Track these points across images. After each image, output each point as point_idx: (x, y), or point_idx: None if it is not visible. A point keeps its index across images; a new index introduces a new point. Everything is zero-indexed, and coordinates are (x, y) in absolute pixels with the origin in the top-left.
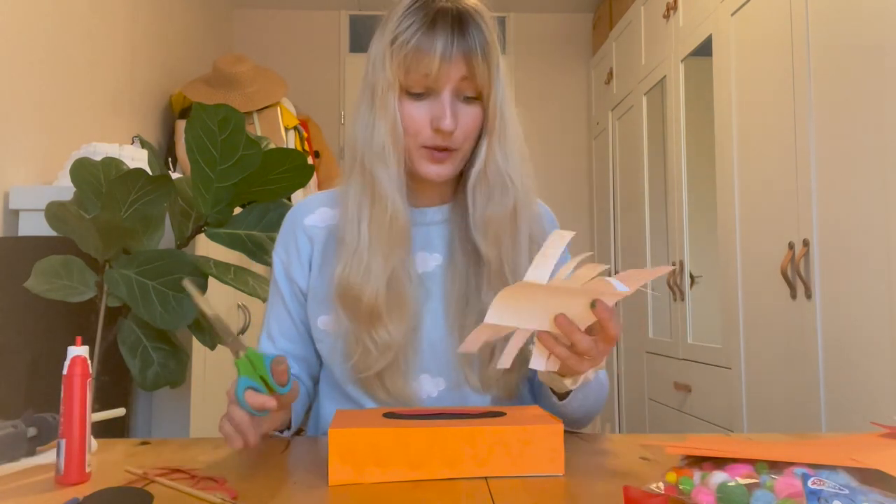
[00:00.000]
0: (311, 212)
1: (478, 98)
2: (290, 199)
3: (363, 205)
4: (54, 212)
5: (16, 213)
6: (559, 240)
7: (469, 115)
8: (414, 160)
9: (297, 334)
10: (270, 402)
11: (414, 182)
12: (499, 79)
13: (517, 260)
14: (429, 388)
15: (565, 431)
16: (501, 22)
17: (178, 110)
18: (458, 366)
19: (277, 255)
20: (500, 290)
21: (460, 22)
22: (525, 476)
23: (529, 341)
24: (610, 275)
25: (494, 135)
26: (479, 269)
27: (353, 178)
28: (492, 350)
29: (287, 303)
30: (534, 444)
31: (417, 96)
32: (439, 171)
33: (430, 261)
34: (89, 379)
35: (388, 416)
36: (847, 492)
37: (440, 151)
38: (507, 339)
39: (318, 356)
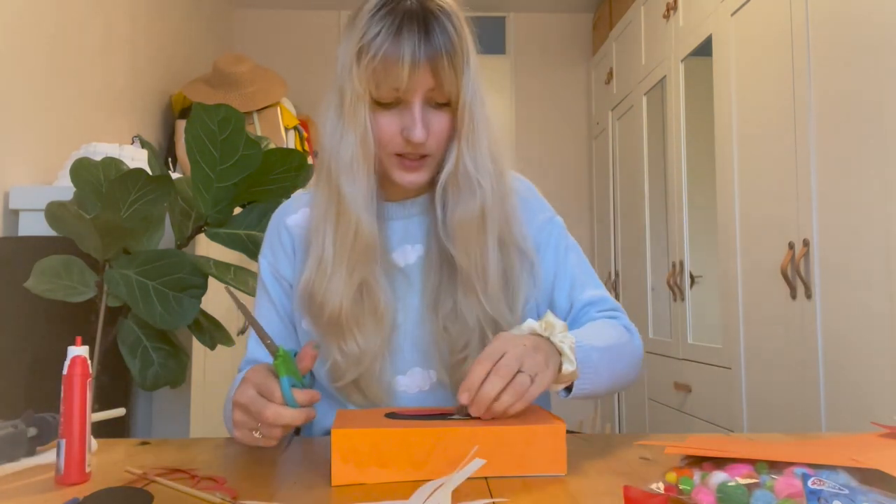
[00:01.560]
0: (293, 212)
1: (449, 103)
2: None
3: (328, 218)
4: (54, 212)
5: (16, 213)
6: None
7: (440, 121)
8: (386, 167)
9: (286, 331)
10: (317, 394)
11: (399, 194)
12: (468, 81)
13: (484, 265)
14: (420, 381)
15: (567, 431)
16: (501, 22)
17: (178, 110)
18: (435, 362)
19: (264, 256)
20: (470, 293)
21: (426, 27)
22: (527, 476)
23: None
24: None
25: (463, 138)
26: (453, 263)
27: (321, 186)
28: (465, 339)
29: (275, 301)
30: (536, 444)
31: (387, 106)
32: (413, 178)
33: (412, 253)
34: (89, 379)
35: (390, 416)
36: (847, 492)
37: (413, 160)
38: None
39: None
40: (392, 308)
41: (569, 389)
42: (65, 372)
